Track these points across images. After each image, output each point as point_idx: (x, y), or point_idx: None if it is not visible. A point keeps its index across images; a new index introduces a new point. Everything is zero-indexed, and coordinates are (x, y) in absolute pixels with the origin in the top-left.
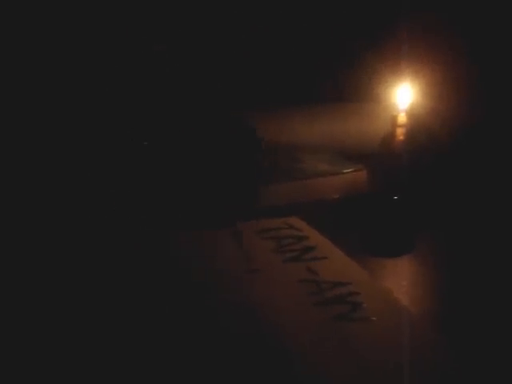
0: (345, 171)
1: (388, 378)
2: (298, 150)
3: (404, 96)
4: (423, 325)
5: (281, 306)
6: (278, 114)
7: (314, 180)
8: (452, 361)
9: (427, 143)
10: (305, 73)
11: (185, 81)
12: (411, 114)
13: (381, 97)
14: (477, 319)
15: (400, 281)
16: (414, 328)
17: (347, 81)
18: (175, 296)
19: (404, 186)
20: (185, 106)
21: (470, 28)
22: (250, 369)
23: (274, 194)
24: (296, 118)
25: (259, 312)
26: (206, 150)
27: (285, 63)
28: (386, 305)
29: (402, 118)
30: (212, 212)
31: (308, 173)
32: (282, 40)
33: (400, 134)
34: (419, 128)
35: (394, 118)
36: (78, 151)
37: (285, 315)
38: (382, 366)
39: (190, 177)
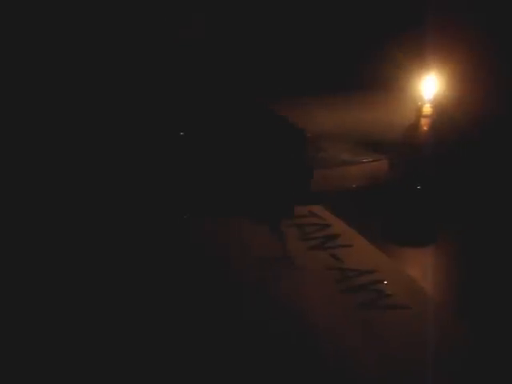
0: (366, 160)
1: (410, 365)
2: (321, 139)
3: (429, 86)
4: (446, 313)
5: (308, 293)
6: (301, 102)
7: (335, 169)
8: (473, 349)
9: (451, 134)
10: (330, 62)
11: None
12: (436, 105)
13: (406, 87)
14: (499, 309)
15: (423, 269)
16: (437, 316)
17: (372, 71)
18: (199, 282)
19: (426, 177)
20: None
21: (497, 19)
22: (275, 353)
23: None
24: (320, 107)
25: (287, 299)
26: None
27: (310, 52)
28: (411, 293)
29: (427, 109)
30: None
31: (330, 162)
32: (309, 29)
33: (424, 124)
34: (444, 119)
35: (419, 109)
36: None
37: (312, 302)
38: (405, 353)
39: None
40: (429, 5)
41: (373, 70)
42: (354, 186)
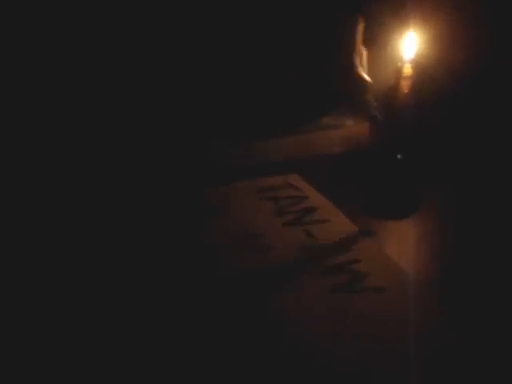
0: (346, 124)
1: (388, 347)
2: None
3: (409, 46)
4: (423, 294)
5: (278, 275)
6: None
7: (313, 134)
8: (451, 331)
9: (433, 96)
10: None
11: None
12: (417, 66)
13: (385, 46)
14: (478, 283)
15: (403, 244)
16: (413, 297)
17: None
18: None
19: (407, 142)
20: None
21: None
22: (249, 340)
23: (272, 149)
24: None
25: (258, 280)
26: None
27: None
28: (387, 272)
29: (407, 70)
30: None
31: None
32: None
33: (405, 86)
34: (425, 80)
35: (399, 70)
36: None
37: (282, 286)
38: (383, 335)
39: None
40: None
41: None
42: (334, 151)
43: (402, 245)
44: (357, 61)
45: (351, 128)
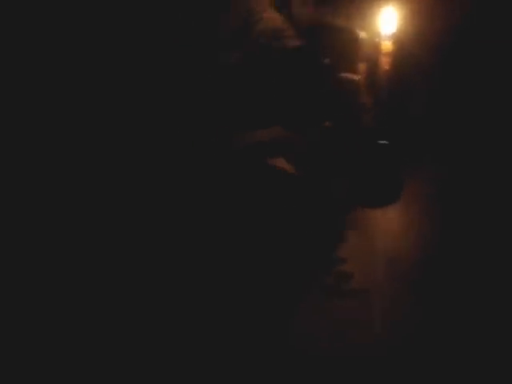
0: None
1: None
2: None
3: (388, 22)
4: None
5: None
6: None
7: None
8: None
9: (414, 73)
10: None
11: None
12: (396, 42)
13: (364, 23)
14: (458, 269)
15: (385, 231)
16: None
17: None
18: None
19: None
20: None
21: None
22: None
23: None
24: None
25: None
26: None
27: None
28: (371, 271)
29: (387, 46)
30: None
31: None
32: None
33: (385, 63)
34: (405, 56)
35: (378, 46)
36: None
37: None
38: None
39: None
40: None
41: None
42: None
43: (382, 230)
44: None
45: None
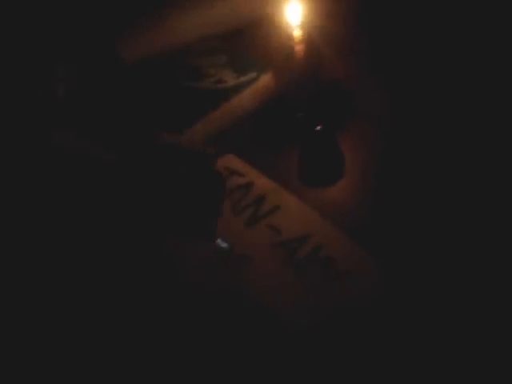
0: (252, 77)
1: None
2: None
3: (295, 10)
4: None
5: (264, 283)
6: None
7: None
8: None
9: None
10: None
11: None
12: (306, 30)
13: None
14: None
15: (337, 207)
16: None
17: None
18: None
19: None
20: None
21: None
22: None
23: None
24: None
25: (244, 291)
26: None
27: None
28: (349, 254)
29: (298, 34)
30: None
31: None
32: None
33: (299, 50)
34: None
35: (290, 36)
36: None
37: (268, 287)
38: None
39: None
40: None
41: None
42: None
43: (336, 209)
44: None
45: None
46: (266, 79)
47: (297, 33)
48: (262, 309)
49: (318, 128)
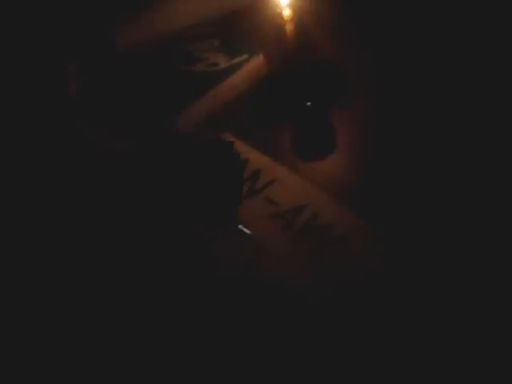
0: (244, 59)
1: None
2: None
3: None
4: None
5: (265, 251)
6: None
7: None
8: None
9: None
10: None
11: None
12: (295, 8)
13: None
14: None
15: (330, 180)
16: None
17: None
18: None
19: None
20: None
21: None
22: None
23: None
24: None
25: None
26: None
27: None
28: (343, 220)
29: (288, 13)
30: None
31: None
32: None
33: (289, 30)
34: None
35: (280, 16)
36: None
37: (269, 257)
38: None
39: None
40: None
41: None
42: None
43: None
44: None
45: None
46: (257, 60)
47: (286, 12)
48: (265, 279)
49: (309, 104)
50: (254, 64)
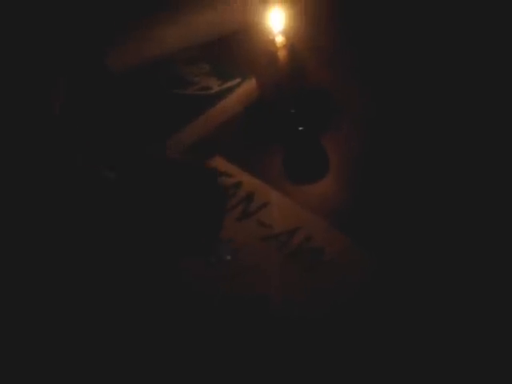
0: (236, 83)
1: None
2: (174, 63)
3: (277, 18)
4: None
5: (260, 270)
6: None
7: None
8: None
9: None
10: None
11: None
12: (288, 35)
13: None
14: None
15: (322, 203)
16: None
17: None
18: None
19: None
20: None
21: None
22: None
23: (183, 138)
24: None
25: (242, 278)
26: None
27: None
28: (334, 244)
29: (281, 40)
30: None
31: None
32: None
33: (282, 56)
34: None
35: (273, 42)
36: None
37: (266, 278)
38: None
39: None
40: None
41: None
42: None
43: (319, 202)
44: None
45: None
46: (249, 84)
47: (279, 39)
48: (253, 298)
49: (301, 128)
50: (245, 88)
